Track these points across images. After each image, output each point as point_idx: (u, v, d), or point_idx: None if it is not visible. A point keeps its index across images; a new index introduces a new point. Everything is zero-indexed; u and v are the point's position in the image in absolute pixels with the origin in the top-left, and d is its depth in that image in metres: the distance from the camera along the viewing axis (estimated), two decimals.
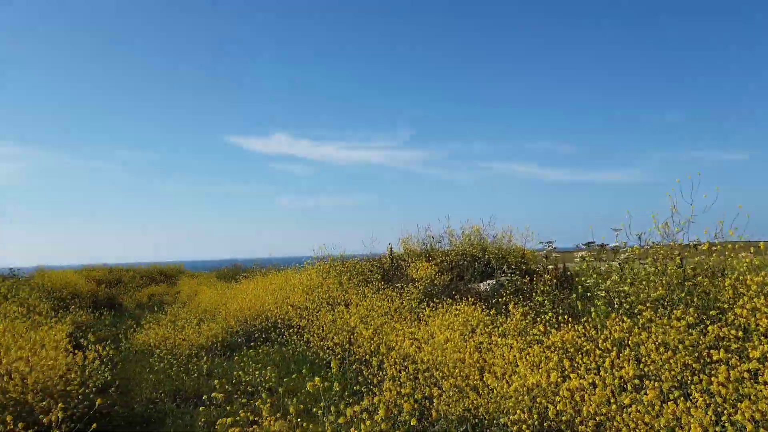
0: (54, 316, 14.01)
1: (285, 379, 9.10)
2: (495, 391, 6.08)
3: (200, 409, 6.26)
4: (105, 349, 12.33)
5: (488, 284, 14.44)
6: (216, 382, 7.47)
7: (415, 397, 6.84)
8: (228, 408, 7.79)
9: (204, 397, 7.05)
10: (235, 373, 9.07)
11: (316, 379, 5.42)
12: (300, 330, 11.48)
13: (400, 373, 7.18)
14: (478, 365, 7.13)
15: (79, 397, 6.14)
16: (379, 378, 7.71)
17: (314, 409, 6.73)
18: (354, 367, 9.22)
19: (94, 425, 4.67)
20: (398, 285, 13.07)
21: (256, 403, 6.30)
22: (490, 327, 8.45)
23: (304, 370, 8.94)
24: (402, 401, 6.76)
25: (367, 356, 8.66)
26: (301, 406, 7.25)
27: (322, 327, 10.55)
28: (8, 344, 6.43)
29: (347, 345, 9.28)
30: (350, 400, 8.05)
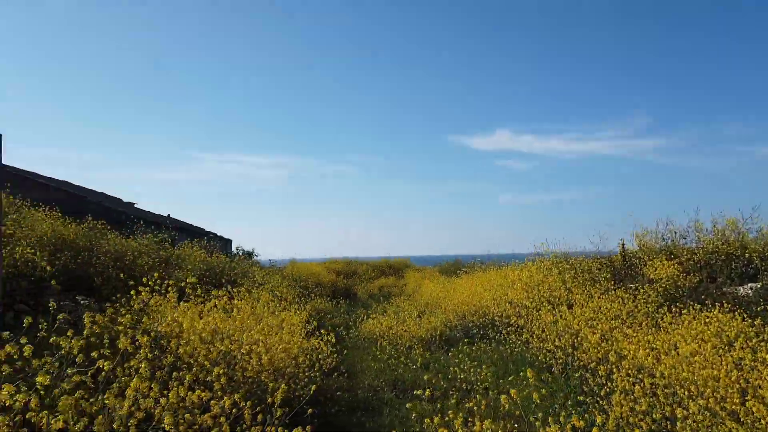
0: (298, 302, 15.79)
1: (501, 381, 8.68)
2: (763, 422, 4.80)
3: (409, 404, 6.21)
4: (339, 333, 13.37)
5: (750, 288, 11.92)
6: (427, 376, 7.44)
7: (653, 416, 5.83)
8: (440, 404, 7.73)
9: (417, 391, 7.03)
10: (451, 369, 8.95)
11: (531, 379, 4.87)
12: (518, 329, 10.90)
13: (634, 386, 6.19)
14: (737, 386, 5.78)
15: (305, 379, 6.62)
16: (608, 390, 6.79)
17: (530, 417, 6.18)
18: (578, 374, 8.35)
19: (310, 410, 4.89)
20: (631, 286, 11.55)
21: (468, 404, 6.02)
22: (754, 340, 6.83)
23: (521, 373, 8.39)
24: (636, 419, 5.82)
25: (593, 364, 7.73)
26: (518, 412, 6.77)
27: (543, 328, 9.82)
28: (251, 326, 7.25)
29: (570, 349, 8.44)
30: (573, 411, 7.29)
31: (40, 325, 4.50)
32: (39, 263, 10.82)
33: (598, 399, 6.79)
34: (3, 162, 17.40)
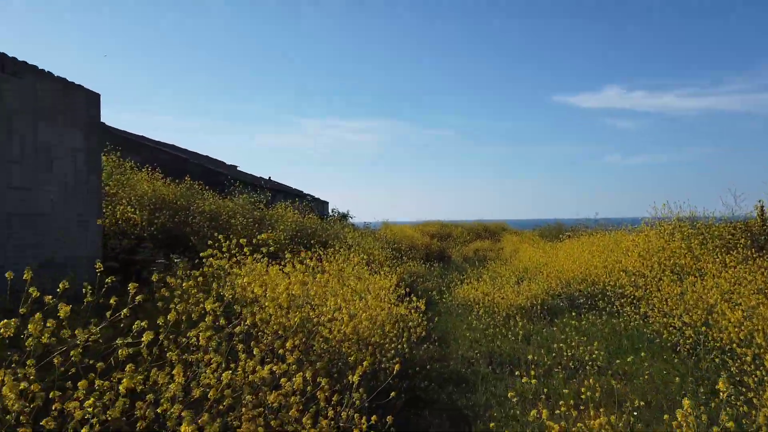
0: (390, 265, 15.33)
1: (618, 361, 7.63)
2: None
3: (522, 380, 5.41)
4: (431, 298, 12.73)
5: None
6: (528, 351, 6.57)
7: None
8: (545, 382, 6.87)
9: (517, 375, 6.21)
10: (555, 345, 8.02)
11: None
12: (635, 301, 9.64)
13: None
14: None
15: (392, 351, 6.03)
16: (756, 378, 5.59)
17: (653, 401, 5.20)
18: (712, 356, 7.09)
19: (393, 393, 4.26)
20: None
21: (577, 385, 5.11)
22: None
23: (642, 353, 7.28)
24: None
25: (734, 345, 6.47)
26: (638, 402, 5.77)
27: (666, 300, 8.54)
28: (336, 290, 6.75)
29: (702, 327, 7.18)
30: (708, 399, 6.15)
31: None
32: (139, 222, 11.08)
33: (742, 389, 5.62)
34: (111, 125, 18.26)
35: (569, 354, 7.62)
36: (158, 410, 2.80)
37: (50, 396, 2.70)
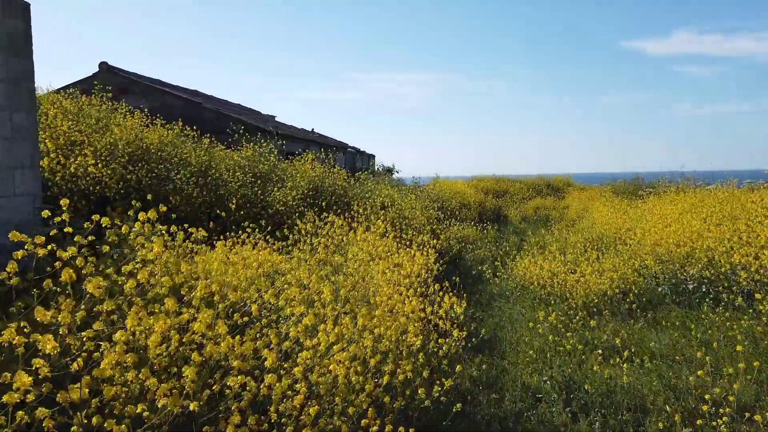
0: (432, 230, 12.52)
1: None
2: None
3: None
4: (482, 275, 9.92)
5: None
6: (627, 378, 3.70)
7: None
8: None
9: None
10: (671, 373, 5.08)
11: None
12: None
13: None
14: None
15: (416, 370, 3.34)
16: None
17: None
18: None
19: None
20: None
21: None
22: None
23: None
24: None
25: None
26: None
27: None
28: (312, 297, 4.06)
29: None
30: None
31: None
32: (101, 177, 8.72)
33: None
34: (114, 65, 15.94)
35: (698, 391, 4.68)
36: None
37: None
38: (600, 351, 6.12)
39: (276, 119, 29.95)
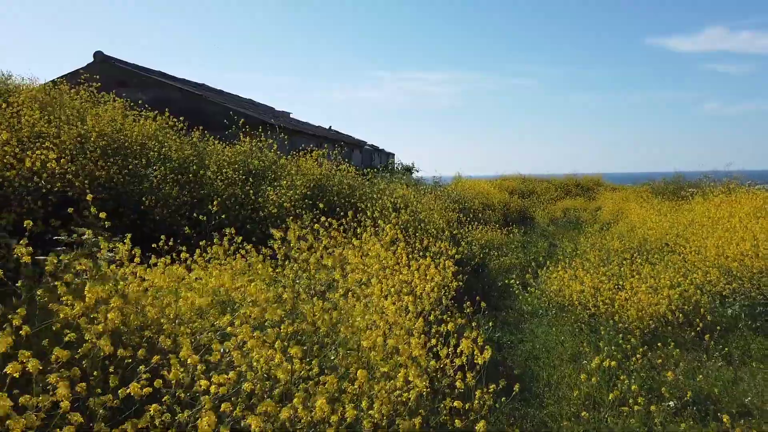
0: (452, 235, 11.07)
1: None
2: None
3: None
4: (509, 290, 8.61)
5: None
6: None
7: None
8: None
9: None
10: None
11: None
12: None
13: None
14: None
15: None
16: None
17: None
18: None
19: None
20: None
21: None
22: None
23: None
24: None
25: None
26: None
27: None
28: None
29: None
30: None
31: None
32: (66, 175, 7.50)
33: None
34: (110, 55, 14.86)
35: None
36: None
37: None
38: (671, 404, 4.62)
39: (291, 116, 28.79)
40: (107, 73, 13.88)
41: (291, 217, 7.77)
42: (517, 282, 9.34)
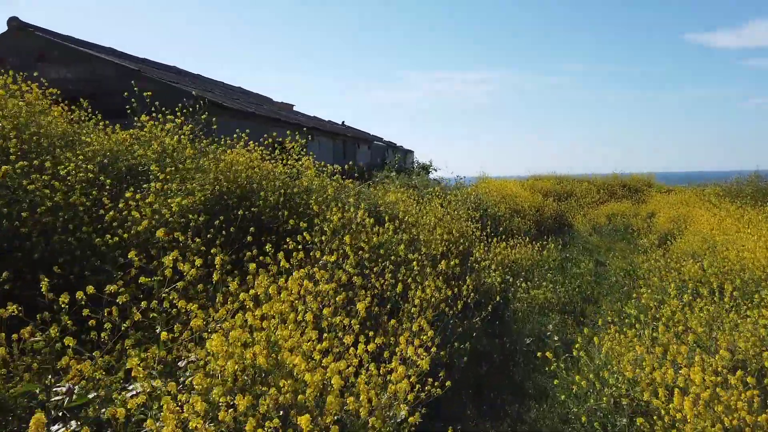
0: (462, 259, 7.63)
1: None
2: None
3: None
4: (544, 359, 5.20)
5: None
6: None
7: None
8: None
9: None
10: None
11: None
12: None
13: None
14: None
15: None
16: None
17: None
18: None
19: None
20: None
21: None
22: None
23: None
24: None
25: None
26: None
27: None
28: None
29: None
30: None
31: None
32: None
33: None
34: (29, 22, 11.86)
35: None
36: None
37: None
38: None
39: (294, 108, 25.69)
40: (23, 45, 10.94)
41: (167, 245, 4.50)
42: (556, 341, 5.88)
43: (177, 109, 7.46)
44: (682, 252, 11.80)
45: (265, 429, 2.31)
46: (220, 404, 2.42)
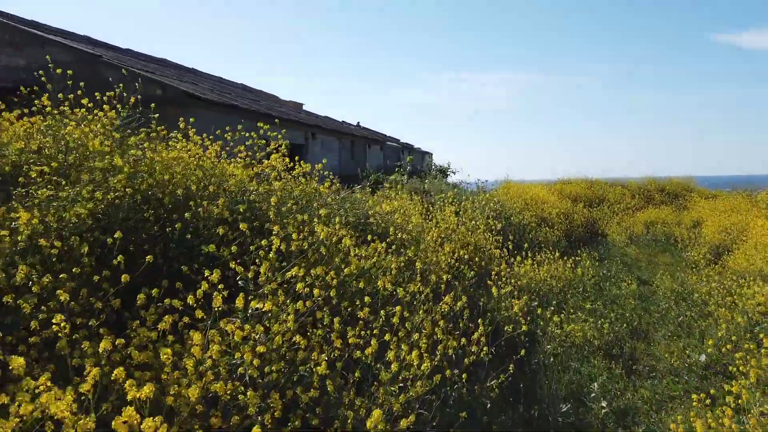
0: (476, 281, 5.92)
1: None
2: None
3: None
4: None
5: None
6: None
7: None
8: None
9: None
10: None
11: None
12: None
13: None
14: None
15: None
16: None
17: None
18: None
19: None
20: None
21: None
22: None
23: None
24: None
25: None
26: None
27: None
28: None
29: None
30: None
31: None
32: None
33: None
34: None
35: None
36: None
37: None
38: None
39: (304, 107, 24.20)
40: None
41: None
42: (604, 408, 4.10)
43: (110, 95, 5.89)
44: (744, 270, 9.89)
45: None
46: None
